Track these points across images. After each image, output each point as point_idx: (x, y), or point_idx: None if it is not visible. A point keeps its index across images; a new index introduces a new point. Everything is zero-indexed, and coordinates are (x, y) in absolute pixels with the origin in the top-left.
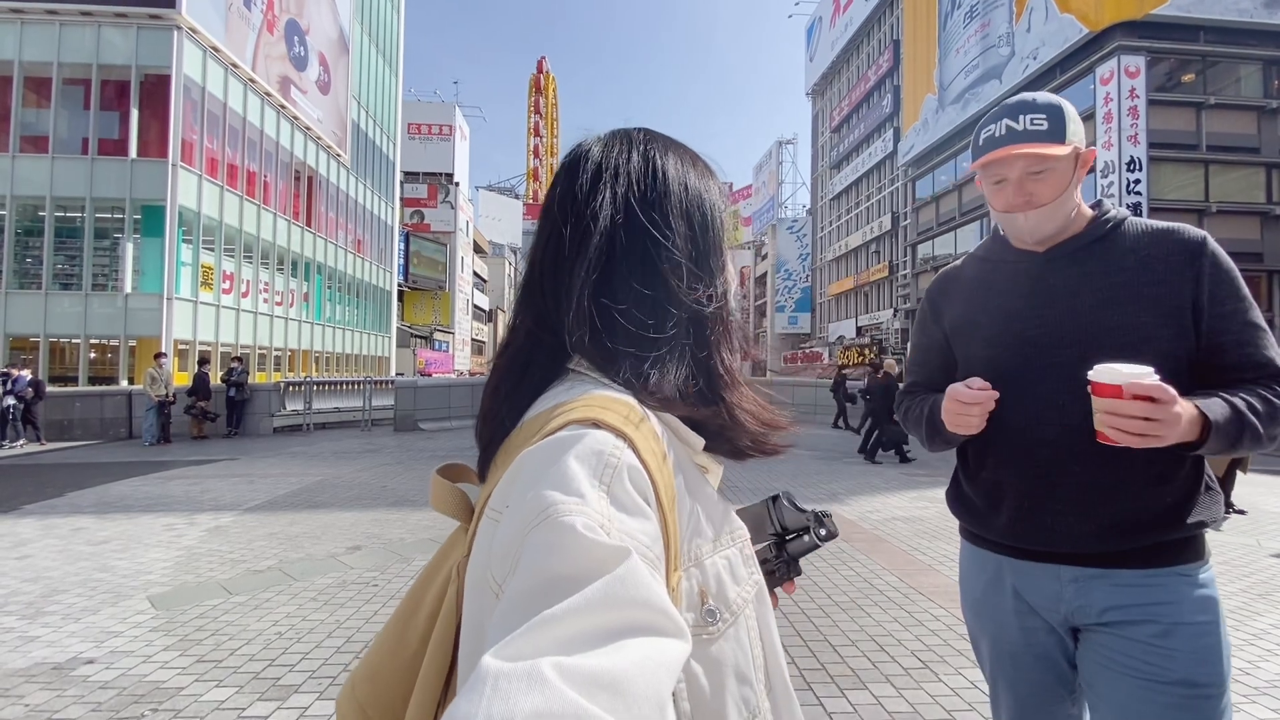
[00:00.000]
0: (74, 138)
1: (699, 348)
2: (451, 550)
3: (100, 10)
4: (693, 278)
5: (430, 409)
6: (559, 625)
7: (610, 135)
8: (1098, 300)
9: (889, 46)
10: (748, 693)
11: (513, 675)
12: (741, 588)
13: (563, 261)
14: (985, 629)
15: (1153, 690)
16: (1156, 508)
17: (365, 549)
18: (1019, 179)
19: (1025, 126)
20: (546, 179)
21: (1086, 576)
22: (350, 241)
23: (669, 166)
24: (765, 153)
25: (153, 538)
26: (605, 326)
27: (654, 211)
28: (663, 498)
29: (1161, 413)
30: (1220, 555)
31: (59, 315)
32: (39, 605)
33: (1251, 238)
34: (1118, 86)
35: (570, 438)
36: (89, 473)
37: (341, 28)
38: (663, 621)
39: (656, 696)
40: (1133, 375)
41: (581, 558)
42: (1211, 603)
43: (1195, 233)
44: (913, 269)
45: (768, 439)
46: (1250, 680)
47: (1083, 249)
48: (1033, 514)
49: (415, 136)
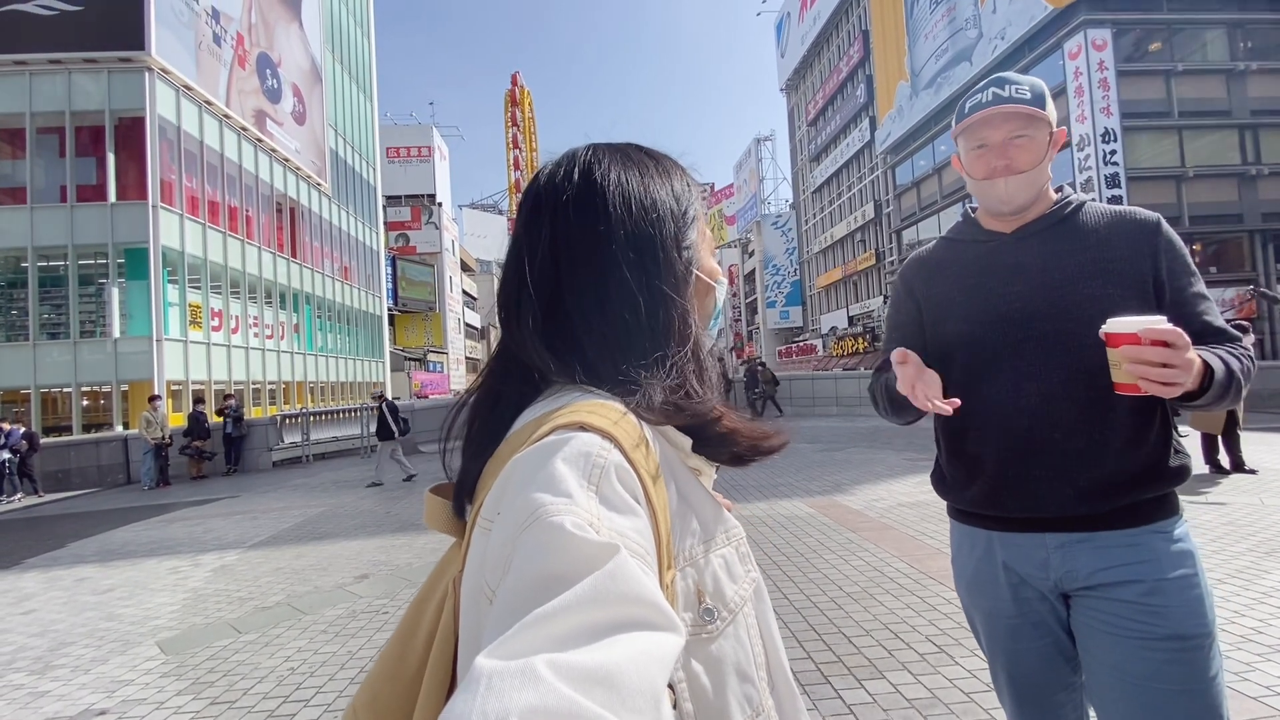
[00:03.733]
0: (52, 186)
1: (664, 364)
2: (447, 568)
3: (69, 58)
4: (648, 293)
5: (429, 431)
6: (551, 623)
7: (563, 157)
8: (1067, 275)
9: (858, 37)
10: (750, 690)
11: (506, 673)
12: (739, 586)
13: (518, 291)
14: (980, 605)
15: (1145, 647)
16: (1133, 469)
17: (373, 577)
18: (1001, 143)
19: (1011, 94)
20: None
21: (1071, 542)
22: (337, 270)
23: (613, 183)
24: (744, 151)
25: (158, 582)
26: (568, 349)
27: (597, 236)
28: (652, 496)
29: (1178, 358)
30: (1226, 515)
31: (48, 365)
32: (47, 659)
33: (1230, 199)
34: (1086, 60)
35: (557, 441)
36: (90, 521)
37: (313, 57)
38: (655, 616)
39: (651, 690)
40: (1148, 322)
41: (571, 556)
42: (1189, 556)
43: (1150, 215)
44: (899, 255)
45: (761, 445)
46: (1262, 639)
47: (1049, 228)
48: (1016, 482)
49: (395, 160)
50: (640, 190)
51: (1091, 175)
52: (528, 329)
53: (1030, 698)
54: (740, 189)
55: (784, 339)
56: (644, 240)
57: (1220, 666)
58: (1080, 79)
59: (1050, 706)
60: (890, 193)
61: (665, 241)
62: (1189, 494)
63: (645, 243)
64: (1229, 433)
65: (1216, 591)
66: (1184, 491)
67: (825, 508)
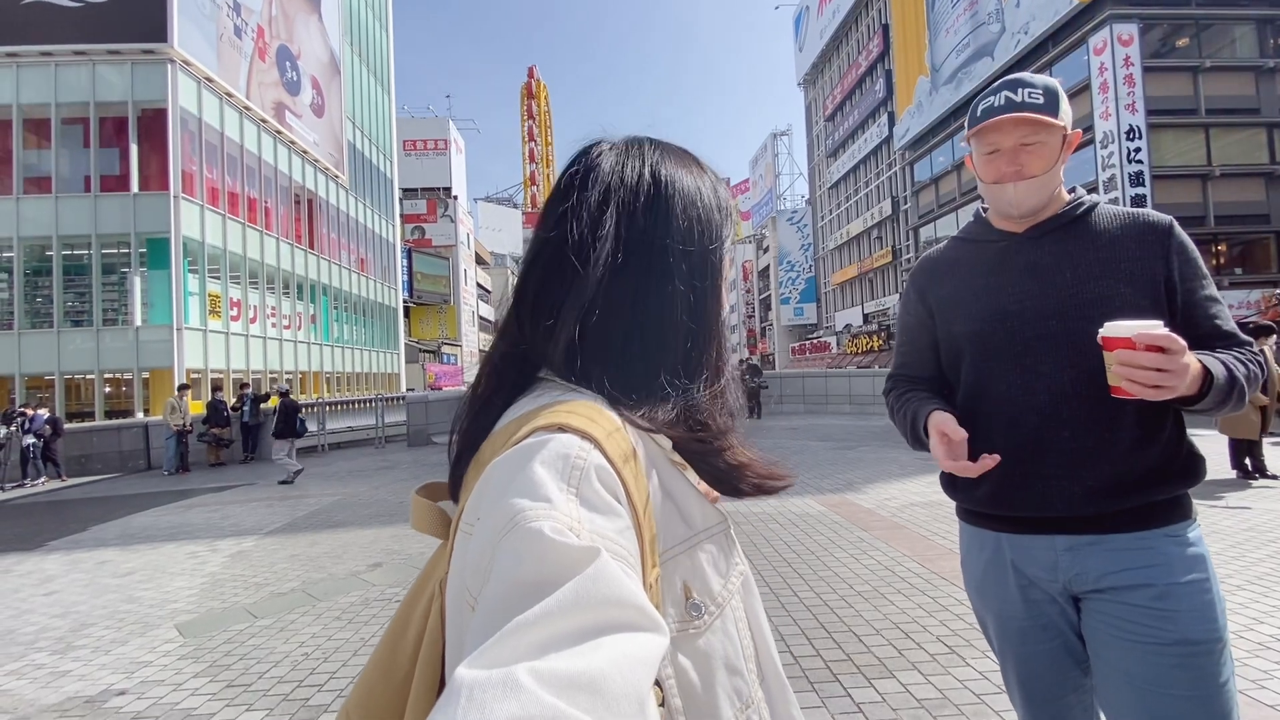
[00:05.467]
0: (76, 176)
1: (687, 388)
2: (435, 568)
3: (93, 49)
4: (690, 315)
5: (442, 422)
6: (532, 630)
7: (623, 146)
8: (1079, 274)
9: (878, 31)
10: (739, 684)
11: (488, 684)
12: (726, 580)
13: (558, 282)
14: (990, 606)
15: (1154, 652)
16: (1142, 469)
17: (386, 565)
18: (1012, 148)
19: (1023, 98)
20: (543, 184)
21: (1081, 544)
22: (353, 261)
23: (679, 193)
24: (760, 145)
25: (177, 566)
26: (591, 353)
27: (660, 247)
28: (634, 495)
29: (1172, 363)
30: (1247, 520)
31: (72, 352)
32: (69, 640)
33: (1257, 199)
34: (1112, 55)
35: (536, 444)
36: (111, 505)
37: (332, 50)
38: (637, 617)
39: (635, 693)
40: (1143, 327)
41: (551, 561)
42: (1201, 560)
43: (1162, 217)
44: (916, 252)
45: (765, 485)
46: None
47: (1060, 228)
48: (1025, 480)
49: (411, 153)
50: (702, 206)
51: (1115, 173)
52: (562, 326)
53: (1040, 700)
54: (756, 184)
55: (798, 336)
56: (699, 259)
57: (1231, 673)
58: (1105, 75)
59: (1061, 709)
60: (908, 189)
61: (715, 264)
62: (1209, 499)
63: (700, 261)
64: (1253, 443)
65: (1234, 598)
66: (1204, 496)
67: (837, 506)
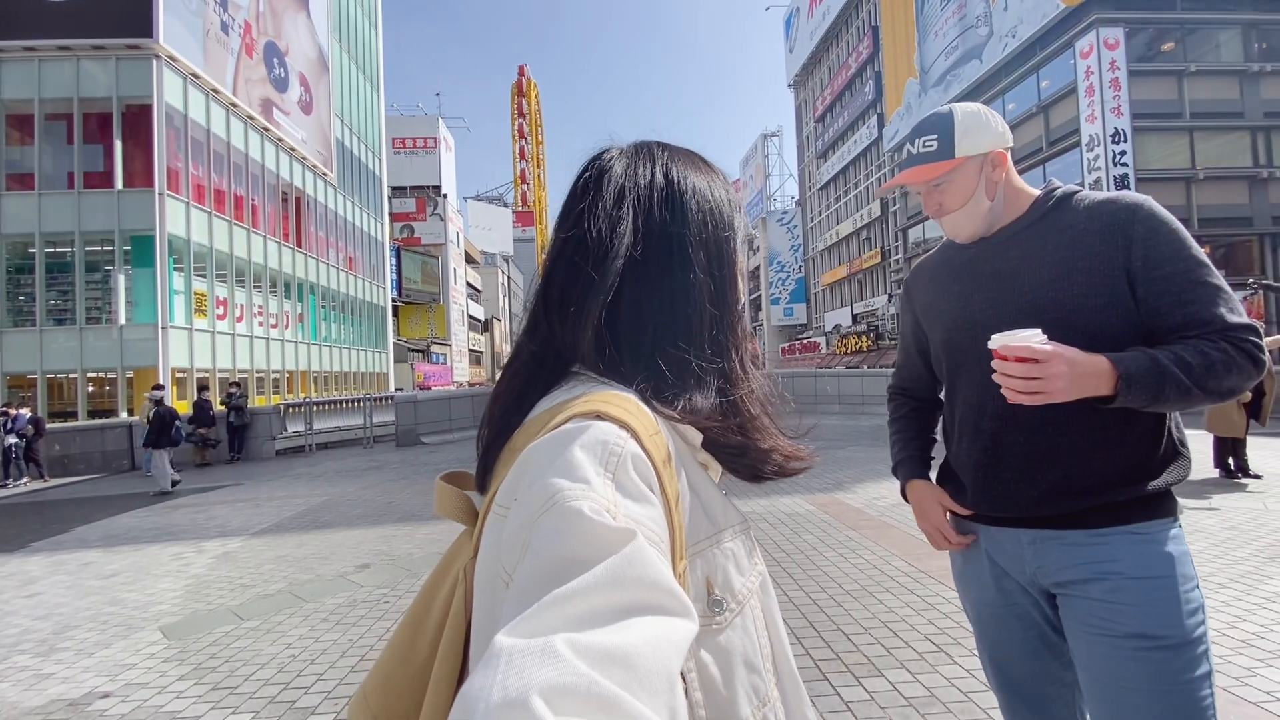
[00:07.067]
0: (59, 172)
1: (715, 374)
2: (457, 555)
3: (78, 44)
4: (712, 302)
5: (431, 422)
6: (569, 604)
7: (633, 150)
8: (1033, 280)
9: (868, 33)
10: (757, 681)
11: (526, 651)
12: (746, 578)
13: (580, 276)
14: (969, 594)
15: (1108, 644)
16: (1105, 471)
17: (374, 566)
18: (927, 192)
19: (918, 150)
20: (534, 182)
21: (1042, 539)
22: (341, 260)
23: (691, 189)
24: (751, 146)
25: (161, 568)
26: (619, 344)
27: (678, 237)
28: (666, 487)
29: (1041, 370)
30: (1228, 520)
31: (55, 351)
32: (51, 642)
33: (1240, 202)
34: (1098, 59)
35: (575, 429)
36: (94, 506)
37: (320, 47)
38: (670, 601)
39: (666, 673)
40: (1017, 339)
41: (589, 540)
42: (1168, 559)
43: (1131, 199)
44: (905, 254)
45: (786, 466)
46: (1263, 645)
47: (1022, 231)
48: (988, 482)
49: (400, 151)
50: (714, 199)
51: (1101, 176)
52: (588, 317)
53: (1014, 686)
54: (746, 184)
55: (787, 336)
56: (715, 248)
57: (1205, 674)
58: (1091, 78)
59: (1040, 700)
60: (896, 190)
61: (730, 253)
62: (1193, 498)
63: (716, 250)
64: (1236, 442)
65: (1217, 596)
66: (1187, 495)
67: (826, 505)
